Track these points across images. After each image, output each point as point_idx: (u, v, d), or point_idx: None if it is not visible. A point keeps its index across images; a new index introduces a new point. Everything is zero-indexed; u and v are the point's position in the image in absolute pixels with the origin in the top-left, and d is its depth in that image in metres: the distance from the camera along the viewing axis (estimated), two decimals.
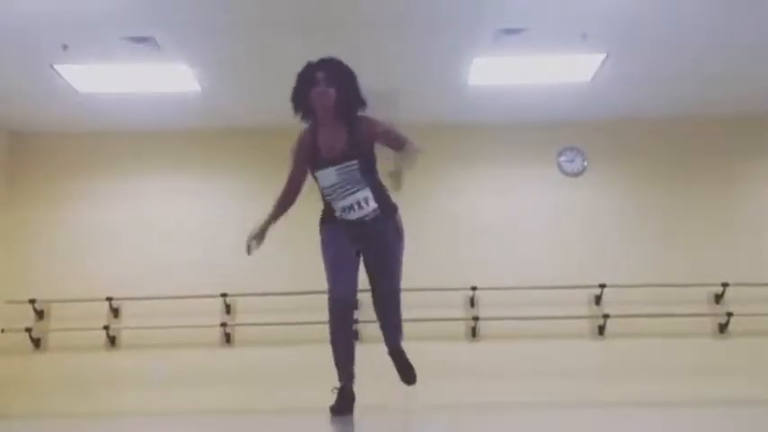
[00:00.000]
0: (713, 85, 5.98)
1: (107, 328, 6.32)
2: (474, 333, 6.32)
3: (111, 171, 6.68)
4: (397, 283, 3.63)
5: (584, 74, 5.70)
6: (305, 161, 3.57)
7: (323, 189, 3.55)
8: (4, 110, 6.24)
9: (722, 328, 6.31)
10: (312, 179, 3.71)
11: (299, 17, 4.86)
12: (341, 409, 3.46)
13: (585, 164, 6.70)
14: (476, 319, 6.27)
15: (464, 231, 6.48)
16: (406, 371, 3.74)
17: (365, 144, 3.45)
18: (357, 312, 4.32)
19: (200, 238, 6.53)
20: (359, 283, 6.33)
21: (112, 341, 6.36)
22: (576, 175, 6.69)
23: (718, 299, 6.34)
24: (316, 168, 3.52)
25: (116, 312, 6.40)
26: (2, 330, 6.27)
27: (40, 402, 6.13)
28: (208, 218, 6.60)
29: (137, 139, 6.68)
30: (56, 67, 5.38)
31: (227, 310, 6.40)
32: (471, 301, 6.38)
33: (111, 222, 6.58)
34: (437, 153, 6.66)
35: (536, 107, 6.35)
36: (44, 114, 6.35)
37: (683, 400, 5.80)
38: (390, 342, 3.71)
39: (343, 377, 3.55)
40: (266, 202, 6.59)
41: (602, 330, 6.31)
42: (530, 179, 6.72)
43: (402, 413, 5.42)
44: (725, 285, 6.27)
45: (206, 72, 5.62)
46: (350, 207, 3.48)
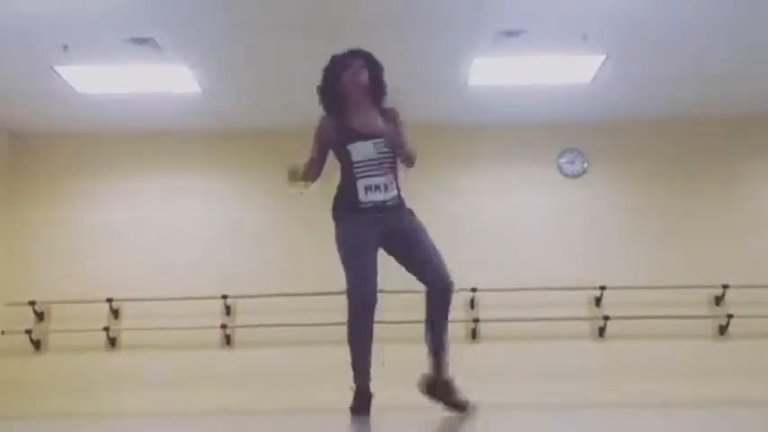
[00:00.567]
0: (713, 85, 5.98)
1: (107, 329, 6.32)
2: (474, 335, 6.31)
3: (112, 172, 6.69)
4: (431, 249, 3.53)
5: (584, 75, 5.71)
6: (327, 143, 3.55)
7: (354, 163, 3.41)
8: (4, 110, 6.24)
9: (722, 330, 6.30)
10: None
11: (298, 18, 4.86)
12: (360, 409, 3.43)
13: (586, 165, 6.69)
14: (476, 320, 6.26)
15: (464, 232, 6.47)
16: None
17: (394, 129, 3.46)
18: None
19: (200, 240, 6.53)
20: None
21: (113, 342, 6.36)
22: (577, 176, 6.69)
23: (719, 301, 6.33)
24: (349, 142, 3.43)
25: (116, 314, 6.40)
26: (2, 332, 6.27)
27: (41, 404, 6.12)
28: (208, 219, 6.60)
29: (137, 141, 6.68)
30: (56, 68, 5.38)
31: (227, 311, 6.40)
32: (471, 303, 6.38)
33: (112, 223, 6.58)
34: (437, 153, 6.66)
35: (536, 108, 6.35)
36: (44, 115, 6.35)
37: (683, 401, 5.79)
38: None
39: (359, 378, 3.51)
40: (266, 202, 6.68)
41: (602, 332, 6.30)
42: (530, 180, 6.72)
43: (401, 414, 5.42)
44: (725, 287, 6.26)
45: (206, 73, 5.62)
46: (377, 187, 3.41)
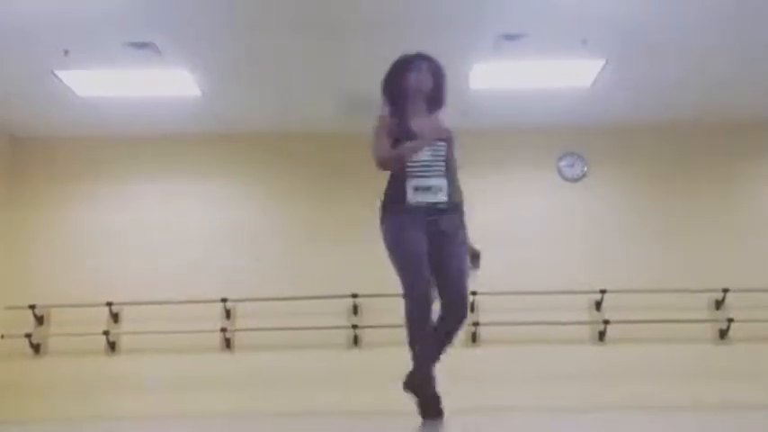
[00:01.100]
0: (713, 89, 5.99)
1: (107, 333, 6.31)
2: (474, 338, 6.31)
3: (112, 175, 6.69)
4: (466, 267, 3.46)
5: (584, 79, 5.71)
6: (390, 137, 3.48)
7: (410, 163, 3.41)
8: (4, 114, 6.25)
9: (723, 334, 6.30)
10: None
11: (298, 21, 4.87)
12: (432, 413, 3.32)
13: (586, 169, 6.70)
14: (476, 324, 6.26)
15: None
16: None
17: (447, 137, 3.52)
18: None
19: (200, 243, 6.53)
20: (357, 288, 6.41)
21: (112, 346, 6.35)
22: (577, 180, 6.70)
23: (719, 305, 6.33)
24: (405, 141, 3.43)
25: (116, 317, 6.39)
26: (1, 336, 6.26)
27: (40, 407, 6.11)
28: (208, 222, 6.60)
29: (137, 144, 6.68)
30: (57, 72, 5.39)
31: (227, 314, 6.39)
32: (471, 307, 6.36)
33: (111, 227, 6.57)
34: None
35: (536, 112, 6.36)
36: (45, 119, 6.36)
37: (683, 405, 5.79)
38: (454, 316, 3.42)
39: (425, 379, 3.36)
40: (266, 206, 6.68)
41: (602, 336, 6.30)
42: (530, 184, 6.73)
43: (401, 418, 5.41)
44: (725, 291, 6.26)
45: (206, 76, 5.63)
46: (427, 188, 3.39)
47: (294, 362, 6.23)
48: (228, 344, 6.37)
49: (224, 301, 6.32)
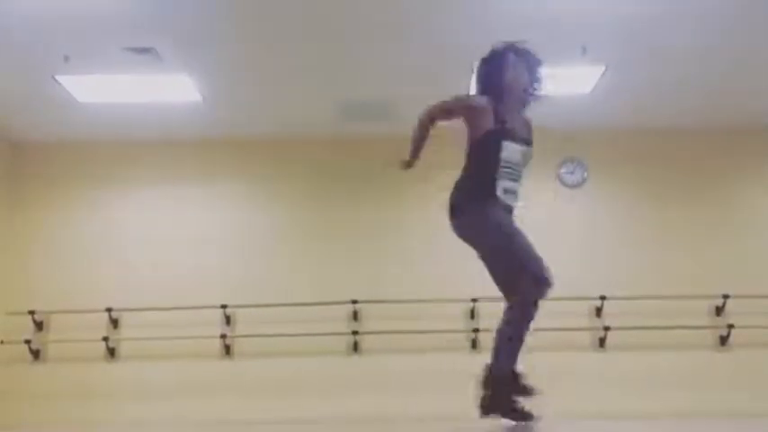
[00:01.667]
0: (713, 96, 6.00)
1: (106, 339, 6.30)
2: (474, 345, 6.30)
3: (112, 181, 6.69)
4: None
5: (583, 86, 5.72)
6: (472, 118, 3.43)
7: (502, 161, 3.37)
8: (5, 120, 6.26)
9: (723, 341, 6.29)
10: None
11: (298, 28, 4.88)
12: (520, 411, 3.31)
13: (586, 175, 6.70)
14: (476, 330, 6.25)
15: (464, 243, 6.46)
16: None
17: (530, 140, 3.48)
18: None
19: (200, 249, 6.52)
20: (357, 294, 6.40)
21: (112, 352, 6.34)
22: (577, 186, 6.70)
23: (719, 311, 6.32)
24: (504, 137, 3.37)
25: (115, 323, 6.38)
26: (1, 342, 6.24)
27: (40, 413, 6.10)
28: (208, 228, 6.60)
29: (137, 150, 6.68)
30: (57, 77, 5.40)
31: (226, 321, 6.39)
32: (471, 313, 6.37)
33: (111, 233, 6.57)
34: (437, 162, 6.67)
35: (536, 118, 6.32)
36: (45, 124, 6.36)
37: (683, 412, 5.78)
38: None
39: (510, 370, 3.37)
40: (266, 211, 6.68)
41: (602, 342, 6.29)
42: (530, 190, 6.68)
43: (401, 424, 5.40)
44: (726, 297, 6.25)
45: (207, 82, 5.64)
46: (513, 192, 3.41)
47: (294, 368, 6.22)
48: (228, 350, 6.36)
49: (224, 307, 6.32)
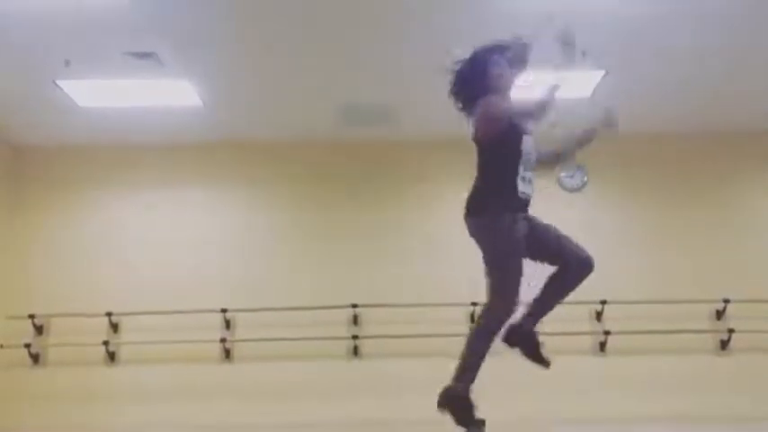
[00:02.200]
0: (713, 101, 6.01)
1: (106, 343, 6.30)
2: None
3: (112, 186, 6.69)
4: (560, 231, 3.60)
5: (583, 90, 5.72)
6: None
7: (522, 153, 3.44)
8: (5, 123, 6.26)
9: (724, 345, 6.28)
10: None
11: (299, 33, 4.89)
12: (467, 420, 3.33)
13: (585, 179, 6.70)
14: None
15: (464, 246, 6.45)
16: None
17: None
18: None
19: (200, 253, 6.53)
20: (357, 299, 6.40)
21: (112, 356, 6.34)
22: (577, 190, 6.70)
23: (720, 315, 6.32)
24: (523, 131, 3.49)
25: (115, 327, 6.38)
26: (1, 345, 6.24)
27: (39, 417, 6.10)
28: (208, 232, 6.60)
29: (138, 154, 6.69)
30: (58, 82, 5.41)
31: (226, 325, 6.38)
32: (472, 317, 6.36)
33: (111, 236, 6.58)
34: (438, 167, 6.69)
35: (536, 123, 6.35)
36: (46, 128, 6.37)
37: (684, 416, 5.77)
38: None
39: (466, 387, 3.42)
40: (267, 215, 6.68)
41: (603, 347, 6.28)
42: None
43: (401, 428, 5.39)
44: (726, 302, 6.25)
45: (207, 87, 5.65)
46: (529, 180, 3.46)
47: (294, 372, 6.21)
48: (228, 354, 6.35)
49: (224, 311, 6.31)
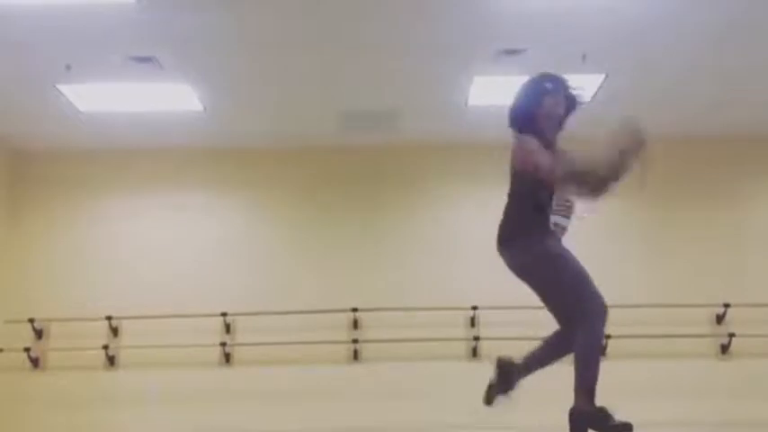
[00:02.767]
0: (714, 105, 6.01)
1: (106, 347, 6.29)
2: (475, 353, 6.29)
3: (113, 190, 6.69)
4: None
5: (584, 94, 5.72)
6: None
7: (557, 197, 3.43)
8: (6, 128, 6.26)
9: (724, 349, 6.28)
10: None
11: (301, 38, 4.89)
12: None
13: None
14: (476, 338, 6.24)
15: (465, 250, 6.47)
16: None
17: None
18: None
19: (200, 258, 6.52)
20: (357, 303, 6.39)
21: (111, 360, 6.33)
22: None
23: (720, 320, 6.32)
24: None
25: (115, 331, 6.38)
26: (1, 349, 6.23)
27: (39, 422, 6.09)
28: (208, 237, 6.60)
29: (138, 159, 6.69)
30: (58, 86, 5.41)
31: (226, 329, 6.38)
32: (472, 321, 6.36)
33: (111, 241, 6.57)
34: (437, 172, 6.69)
35: None
36: (47, 133, 6.37)
37: (684, 421, 5.76)
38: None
39: (593, 397, 3.28)
40: (267, 220, 6.68)
41: (603, 351, 6.26)
42: None
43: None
44: (727, 306, 6.24)
45: (208, 92, 5.65)
46: (563, 228, 3.54)
47: (294, 377, 6.21)
48: (228, 358, 6.35)
49: (224, 315, 6.31)
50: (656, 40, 4.96)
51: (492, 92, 5.71)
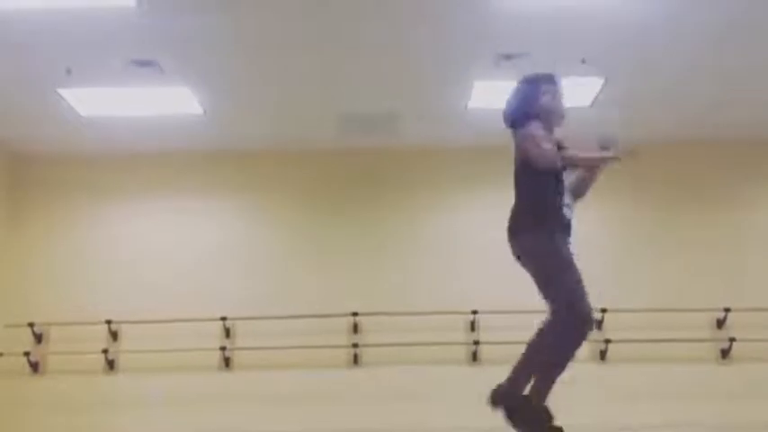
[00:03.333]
0: (714, 109, 6.01)
1: (106, 351, 6.28)
2: (475, 357, 6.28)
3: (112, 194, 6.69)
4: None
5: (583, 98, 5.73)
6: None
7: (565, 181, 3.49)
8: (6, 132, 6.27)
9: (725, 354, 6.27)
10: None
11: (301, 41, 4.90)
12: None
13: None
14: (476, 343, 6.23)
15: (464, 254, 6.47)
16: None
17: None
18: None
19: (200, 262, 6.52)
20: (358, 307, 6.38)
21: (111, 365, 6.32)
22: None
23: (721, 324, 6.31)
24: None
25: (115, 335, 6.37)
26: (0, 354, 6.23)
27: (39, 426, 6.08)
28: (208, 241, 6.60)
29: (138, 162, 6.69)
30: (59, 90, 5.41)
31: (226, 333, 6.37)
32: (472, 325, 6.35)
33: (111, 245, 6.57)
34: (437, 175, 6.69)
35: None
36: (47, 137, 6.37)
37: (684, 425, 5.75)
38: None
39: (544, 398, 3.35)
40: (267, 224, 6.68)
41: (603, 355, 6.26)
42: None
43: None
44: (727, 311, 6.24)
45: (208, 95, 5.65)
46: (570, 206, 3.51)
47: (294, 381, 6.20)
48: (228, 363, 6.34)
49: (223, 319, 6.30)
50: (655, 41, 4.97)
51: (492, 95, 5.71)
